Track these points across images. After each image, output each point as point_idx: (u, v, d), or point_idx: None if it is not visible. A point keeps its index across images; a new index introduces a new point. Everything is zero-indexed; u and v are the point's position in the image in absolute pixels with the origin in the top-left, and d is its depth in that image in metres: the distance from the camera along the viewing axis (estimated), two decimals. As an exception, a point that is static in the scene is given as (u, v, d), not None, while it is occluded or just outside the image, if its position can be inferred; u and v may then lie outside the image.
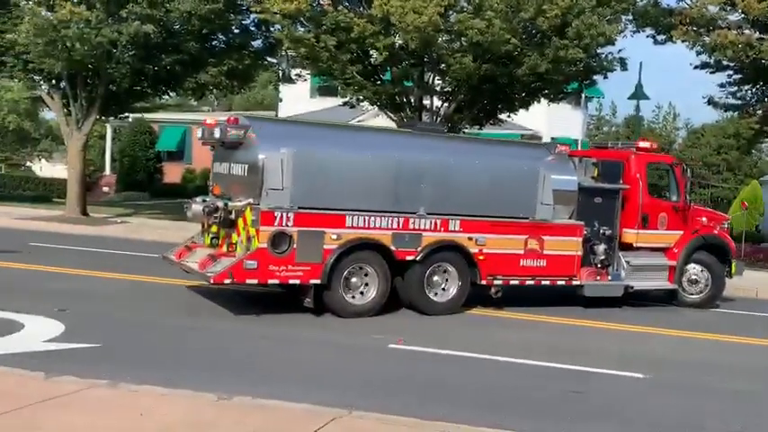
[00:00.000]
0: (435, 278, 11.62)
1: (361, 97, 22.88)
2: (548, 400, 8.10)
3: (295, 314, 10.90)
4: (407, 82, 22.24)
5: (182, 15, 22.13)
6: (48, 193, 37.44)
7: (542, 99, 23.76)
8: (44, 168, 67.78)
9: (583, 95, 37.83)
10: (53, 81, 25.04)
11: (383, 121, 26.23)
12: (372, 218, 10.96)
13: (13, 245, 16.47)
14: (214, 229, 11.38)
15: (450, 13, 20.12)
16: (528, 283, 12.30)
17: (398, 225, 11.15)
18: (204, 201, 11.51)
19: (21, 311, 10.05)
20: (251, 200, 10.57)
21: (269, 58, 27.38)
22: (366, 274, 11.07)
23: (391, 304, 11.54)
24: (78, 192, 24.30)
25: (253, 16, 23.31)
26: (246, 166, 10.86)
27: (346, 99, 23.88)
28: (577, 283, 12.77)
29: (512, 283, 12.16)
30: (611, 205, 13.36)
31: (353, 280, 11.02)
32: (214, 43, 25.31)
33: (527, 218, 12.17)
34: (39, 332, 9.28)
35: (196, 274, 11.02)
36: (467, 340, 10.40)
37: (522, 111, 24.26)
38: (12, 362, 7.71)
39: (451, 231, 11.55)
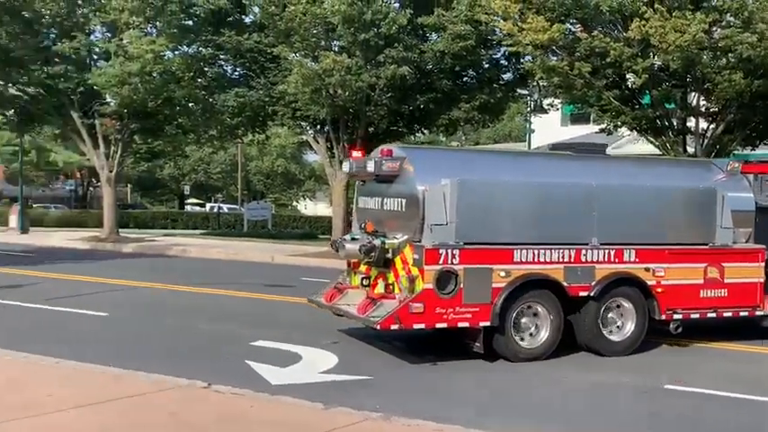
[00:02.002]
0: (610, 315, 10.59)
1: (618, 123, 22.09)
2: None
3: (560, 356, 10.51)
4: (669, 104, 21.13)
5: (435, 55, 22.80)
6: (313, 230, 39.93)
7: (828, 112, 21.46)
8: (308, 207, 72.83)
9: None
10: (318, 126, 26.86)
11: (641, 147, 25.11)
12: (542, 251, 9.94)
13: (287, 280, 17.67)
14: (363, 268, 10.59)
15: (715, 29, 18.89)
16: (709, 315, 11.07)
17: (570, 258, 10.10)
18: (354, 239, 10.63)
19: (298, 343, 10.66)
20: (408, 236, 9.80)
21: (519, 90, 27.37)
22: (535, 314, 10.07)
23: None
24: (342, 228, 25.63)
25: (503, 49, 23.40)
26: (404, 201, 10.06)
27: (603, 126, 23.17)
28: (761, 313, 11.35)
29: (692, 316, 10.95)
30: None
31: (523, 320, 10.03)
32: (465, 79, 25.75)
33: (706, 244, 10.99)
34: (315, 363, 9.74)
35: (354, 318, 10.27)
36: (728, 378, 9.54)
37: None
38: (293, 392, 8.13)
39: (626, 262, 10.47)
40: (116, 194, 30.86)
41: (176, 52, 26.91)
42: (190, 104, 28.09)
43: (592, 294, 10.25)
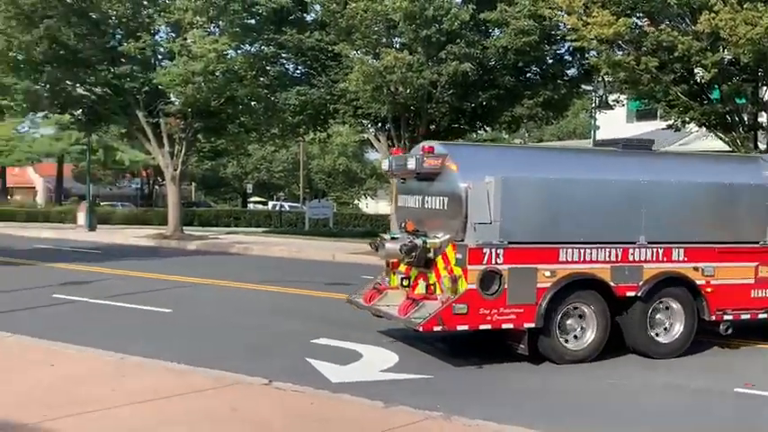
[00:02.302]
0: (658, 316, 10.19)
1: (686, 119, 21.52)
2: None
3: (621, 356, 10.23)
4: (740, 99, 20.49)
5: (498, 51, 22.58)
6: (374, 228, 39.91)
7: None
8: (369, 205, 73.07)
9: None
10: (379, 124, 26.87)
11: (710, 143, 24.43)
12: (588, 250, 9.60)
13: (348, 278, 17.66)
14: (403, 268, 10.30)
15: (789, 19, 18.22)
16: (761, 316, 10.62)
17: (617, 257, 9.75)
18: (394, 238, 10.37)
19: (358, 341, 10.61)
20: (450, 235, 9.49)
21: (584, 86, 26.97)
22: (581, 315, 9.72)
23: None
24: (404, 226, 25.58)
25: (567, 44, 23.04)
26: (446, 199, 9.74)
27: (670, 122, 22.61)
28: None
29: (743, 317, 10.50)
30: None
31: (569, 322, 9.68)
32: (528, 75, 25.50)
33: (757, 242, 10.54)
34: (375, 362, 9.68)
35: (395, 320, 10.01)
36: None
37: None
38: (353, 390, 8.07)
39: (675, 261, 10.05)
40: (180, 193, 31.38)
41: (239, 51, 27.23)
42: (252, 103, 28.40)
43: (639, 295, 9.90)
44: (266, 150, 63.56)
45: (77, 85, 28.33)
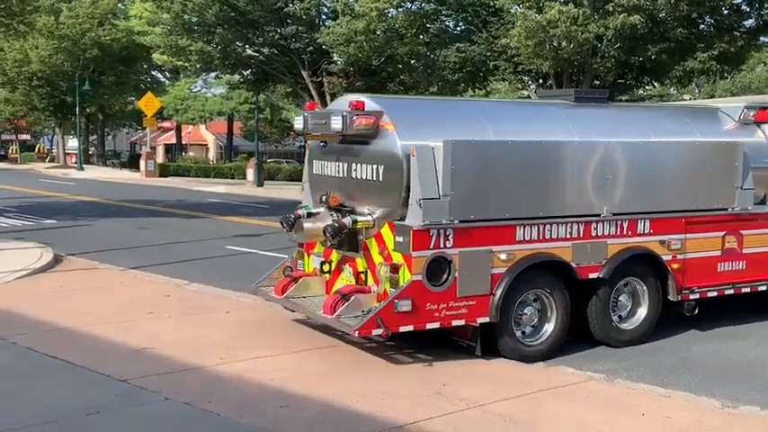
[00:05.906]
0: (621, 299, 8.72)
1: None
2: None
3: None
4: None
5: (669, 2, 21.50)
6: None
7: None
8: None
9: None
10: (540, 80, 26.33)
11: None
12: (547, 226, 8.03)
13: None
14: (320, 249, 8.53)
15: None
16: (727, 293, 9.25)
17: (579, 233, 8.22)
18: (311, 214, 8.55)
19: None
20: (383, 211, 7.79)
21: (763, 38, 25.33)
22: (539, 303, 8.11)
23: None
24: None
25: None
26: (380, 168, 7.86)
27: None
28: None
29: (709, 295, 9.10)
30: None
31: (526, 312, 8.04)
32: (702, 27, 24.19)
33: (725, 209, 9.11)
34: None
35: (319, 319, 8.06)
36: None
37: None
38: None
39: (640, 235, 8.62)
40: (342, 150, 32.12)
41: (400, 9, 27.35)
42: (412, 61, 28.58)
43: (602, 275, 8.40)
44: (425, 108, 63.86)
45: (246, 46, 29.51)
